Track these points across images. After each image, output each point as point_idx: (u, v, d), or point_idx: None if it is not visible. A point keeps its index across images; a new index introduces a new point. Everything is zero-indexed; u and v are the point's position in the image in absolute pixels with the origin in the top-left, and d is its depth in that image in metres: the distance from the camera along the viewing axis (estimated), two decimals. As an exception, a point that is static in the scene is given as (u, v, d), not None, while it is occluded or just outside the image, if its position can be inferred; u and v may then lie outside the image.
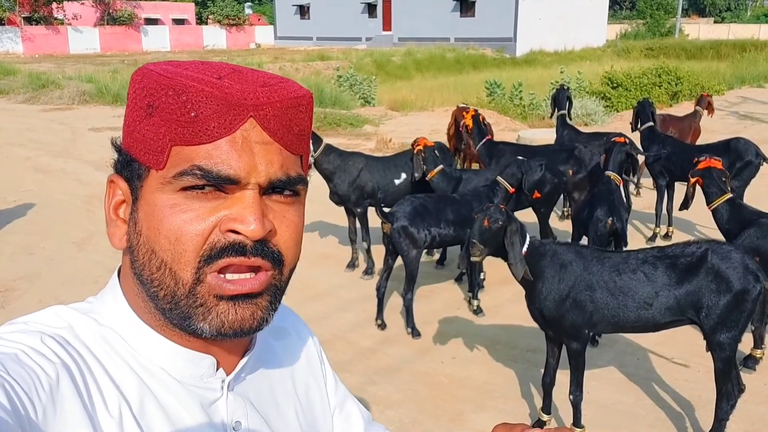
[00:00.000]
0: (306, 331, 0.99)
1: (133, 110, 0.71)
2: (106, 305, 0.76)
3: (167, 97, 0.67)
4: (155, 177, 0.69)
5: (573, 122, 8.66)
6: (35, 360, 0.64)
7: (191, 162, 0.67)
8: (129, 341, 0.74)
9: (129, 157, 0.72)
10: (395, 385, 3.97)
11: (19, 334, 0.68)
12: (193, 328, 0.70)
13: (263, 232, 0.68)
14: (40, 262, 5.95)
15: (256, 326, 0.72)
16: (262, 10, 58.01)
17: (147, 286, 0.71)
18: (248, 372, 0.83)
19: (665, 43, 33.18)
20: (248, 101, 0.67)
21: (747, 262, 3.13)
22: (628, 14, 61.23)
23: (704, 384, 3.80)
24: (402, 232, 4.42)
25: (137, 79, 0.71)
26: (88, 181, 8.92)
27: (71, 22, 37.27)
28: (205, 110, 0.66)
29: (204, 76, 0.68)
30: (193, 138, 0.67)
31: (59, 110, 15.29)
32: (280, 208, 0.72)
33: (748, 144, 5.97)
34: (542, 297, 3.23)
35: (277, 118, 0.69)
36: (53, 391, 0.63)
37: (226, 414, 0.77)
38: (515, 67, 27.62)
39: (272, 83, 0.71)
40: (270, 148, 0.69)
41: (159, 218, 0.68)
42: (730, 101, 17.23)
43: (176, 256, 0.68)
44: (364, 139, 11.84)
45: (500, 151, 6.06)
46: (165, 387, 0.73)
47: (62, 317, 0.73)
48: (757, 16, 59.11)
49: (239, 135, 0.67)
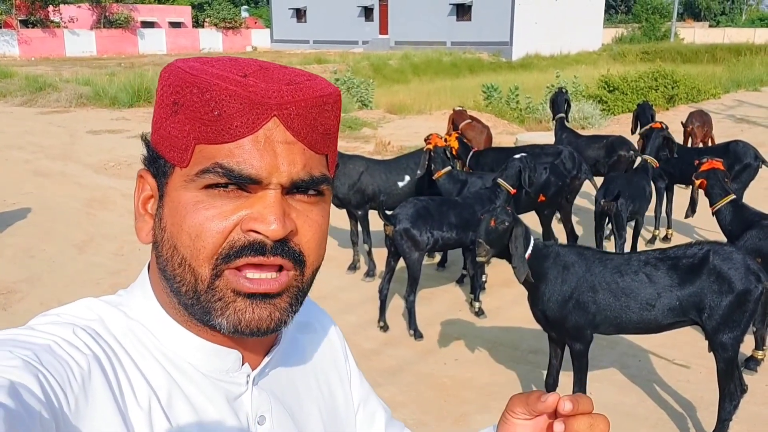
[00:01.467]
0: (331, 325, 1.00)
1: (160, 107, 0.72)
2: (135, 299, 0.77)
3: (192, 95, 0.68)
4: (179, 174, 0.70)
5: (570, 125, 8.70)
6: (68, 351, 0.65)
7: (214, 160, 0.67)
8: (156, 335, 0.75)
9: (156, 153, 0.73)
10: (399, 386, 3.98)
11: (52, 326, 0.68)
12: (213, 324, 0.71)
13: (283, 232, 0.68)
14: (41, 265, 5.95)
15: (274, 327, 0.71)
16: (258, 13, 58.04)
17: (170, 281, 0.72)
18: (273, 367, 0.83)
19: (661, 47, 33.33)
20: (272, 100, 0.67)
21: (748, 262, 3.16)
22: (624, 18, 61.47)
23: (706, 385, 3.83)
24: (404, 235, 4.44)
25: (165, 77, 0.72)
26: (87, 183, 8.92)
27: (68, 25, 37.22)
28: (228, 109, 0.66)
29: (229, 74, 0.68)
30: (216, 137, 0.67)
31: (57, 113, 15.27)
32: (304, 207, 0.72)
33: (747, 147, 6.02)
34: (545, 298, 3.25)
35: (301, 117, 0.69)
36: (85, 382, 0.64)
37: (251, 408, 0.78)
38: (511, 70, 27.69)
39: (298, 81, 0.71)
40: (293, 148, 0.69)
41: (182, 215, 0.69)
42: (726, 105, 17.31)
43: (195, 253, 0.68)
44: (362, 142, 11.86)
45: (486, 158, 6.12)
46: (191, 381, 0.74)
47: (93, 310, 0.74)
48: (752, 20, 59.40)
49: (262, 134, 0.67)
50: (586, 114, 13.47)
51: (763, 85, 21.71)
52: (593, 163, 6.54)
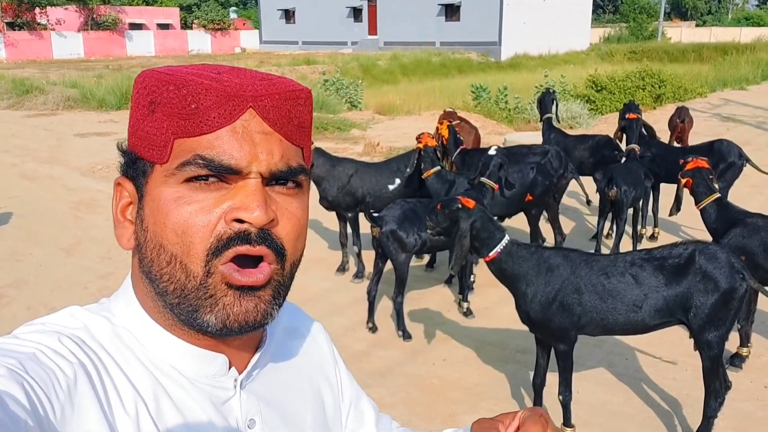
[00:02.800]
0: (319, 330, 1.00)
1: (137, 110, 0.73)
2: (119, 306, 0.77)
3: (168, 92, 0.69)
4: (159, 171, 0.70)
5: (559, 125, 8.74)
6: (53, 360, 0.65)
7: (193, 152, 0.68)
8: (142, 341, 0.75)
9: (134, 156, 0.73)
10: (387, 387, 3.99)
11: (37, 335, 0.68)
12: (200, 322, 0.71)
13: (266, 218, 0.69)
14: (29, 269, 5.91)
15: (261, 319, 0.72)
16: (247, 15, 57.94)
17: (156, 282, 0.72)
18: (261, 370, 0.84)
19: (648, 47, 33.52)
20: (247, 92, 0.69)
21: (733, 261, 3.18)
22: (611, 18, 61.81)
23: (692, 383, 3.86)
24: (391, 236, 4.45)
25: (140, 81, 0.73)
26: (75, 187, 8.87)
27: (55, 28, 36.97)
28: (205, 101, 0.68)
29: (204, 72, 0.71)
30: (195, 129, 0.68)
31: (44, 116, 15.18)
32: (283, 200, 0.73)
33: (731, 145, 6.06)
34: (528, 300, 3.26)
35: (276, 108, 0.71)
36: (71, 390, 0.64)
37: (240, 412, 0.78)
38: (500, 71, 27.77)
39: (270, 78, 0.73)
40: (270, 138, 0.71)
41: (164, 212, 0.69)
42: (712, 103, 17.44)
43: (185, 249, 0.69)
44: (351, 143, 11.86)
45: (472, 158, 6.12)
46: (179, 386, 0.74)
47: (77, 317, 0.74)
48: (738, 19, 59.85)
49: (239, 125, 0.69)
50: (574, 114, 13.53)
51: (749, 84, 21.88)
52: (579, 163, 6.57)
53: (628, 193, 5.53)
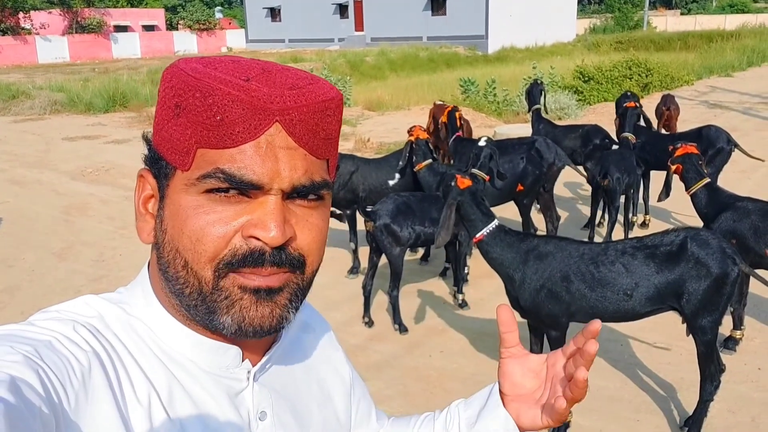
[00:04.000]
0: (326, 326, 1.01)
1: (162, 109, 0.72)
2: (135, 296, 0.78)
3: (194, 99, 0.67)
4: (181, 177, 0.70)
5: (547, 116, 8.76)
6: (68, 348, 0.65)
7: (215, 165, 0.67)
8: (156, 332, 0.75)
9: (157, 154, 0.73)
10: (385, 380, 4.00)
11: (52, 322, 0.69)
12: (216, 323, 0.71)
13: (282, 239, 0.68)
14: (21, 274, 5.89)
15: (276, 324, 0.72)
16: (232, 14, 57.68)
17: (172, 283, 0.72)
18: (274, 363, 0.84)
19: (634, 36, 33.61)
20: (274, 105, 0.67)
21: (724, 246, 3.21)
22: (597, 8, 61.95)
23: (686, 366, 3.90)
24: (385, 230, 4.46)
25: (167, 78, 0.71)
26: (65, 191, 8.83)
27: (39, 32, 36.70)
28: (230, 114, 0.66)
29: (231, 78, 0.68)
30: (218, 142, 0.67)
31: (31, 121, 15.08)
32: (303, 212, 0.72)
33: (720, 131, 6.10)
34: (515, 286, 3.31)
35: (303, 122, 0.69)
36: (85, 378, 0.64)
37: (252, 404, 0.79)
38: (488, 64, 27.80)
39: (301, 85, 0.70)
40: (294, 154, 0.69)
41: (183, 218, 0.69)
42: (699, 91, 17.53)
43: (197, 257, 0.69)
44: (342, 140, 11.85)
45: (464, 147, 6.14)
46: (192, 377, 0.75)
47: (93, 306, 0.74)
48: (722, 6, 60.07)
49: (264, 140, 0.67)
50: (563, 104, 13.57)
51: (735, 71, 22.01)
52: (570, 152, 6.60)
53: (620, 181, 5.57)
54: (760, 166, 7.64)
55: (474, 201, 3.35)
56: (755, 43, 26.20)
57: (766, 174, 8.20)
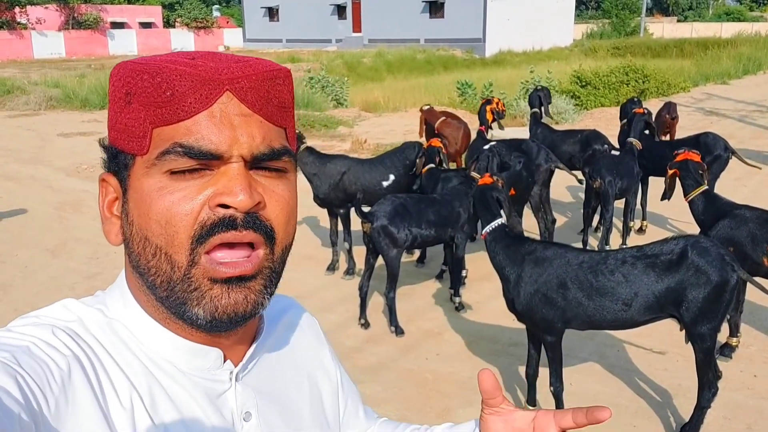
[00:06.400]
0: (313, 322, 1.00)
1: (114, 103, 0.72)
2: (114, 299, 0.76)
3: (143, 81, 0.68)
4: (141, 163, 0.69)
5: (545, 121, 8.76)
6: (47, 353, 0.64)
7: (172, 140, 0.67)
8: (136, 334, 0.74)
9: (114, 150, 0.72)
10: (381, 383, 3.98)
11: (31, 327, 0.68)
12: (189, 315, 0.70)
13: (251, 202, 0.67)
14: (14, 271, 5.84)
15: (251, 310, 0.71)
16: (230, 13, 57.58)
17: (145, 276, 0.71)
18: (257, 362, 0.83)
19: (631, 42, 33.71)
20: (223, 76, 0.68)
21: (723, 254, 3.20)
22: (594, 14, 62.13)
23: (683, 372, 3.90)
24: (382, 232, 4.44)
25: (115, 73, 0.72)
26: (59, 187, 8.78)
27: (35, 27, 36.54)
28: (180, 87, 0.67)
29: (178, 59, 0.69)
30: (172, 116, 0.67)
31: (26, 116, 15.01)
32: (269, 182, 0.72)
33: (717, 138, 6.11)
34: (510, 287, 3.32)
35: (254, 90, 0.69)
36: (65, 383, 0.63)
37: (236, 405, 0.78)
38: (485, 67, 27.82)
39: (246, 60, 0.72)
40: (250, 120, 0.69)
41: (148, 203, 0.68)
42: (695, 98, 17.60)
43: (169, 239, 0.68)
44: (339, 141, 11.84)
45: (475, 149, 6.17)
46: (174, 379, 0.74)
47: (72, 310, 0.73)
48: (719, 14, 60.40)
49: (217, 109, 0.67)
50: (560, 109, 13.61)
51: (731, 78, 22.11)
52: (569, 157, 6.60)
53: (612, 184, 5.52)
54: (756, 174, 7.65)
55: (483, 198, 3.41)
56: (751, 51, 26.32)
57: (762, 181, 8.23)
